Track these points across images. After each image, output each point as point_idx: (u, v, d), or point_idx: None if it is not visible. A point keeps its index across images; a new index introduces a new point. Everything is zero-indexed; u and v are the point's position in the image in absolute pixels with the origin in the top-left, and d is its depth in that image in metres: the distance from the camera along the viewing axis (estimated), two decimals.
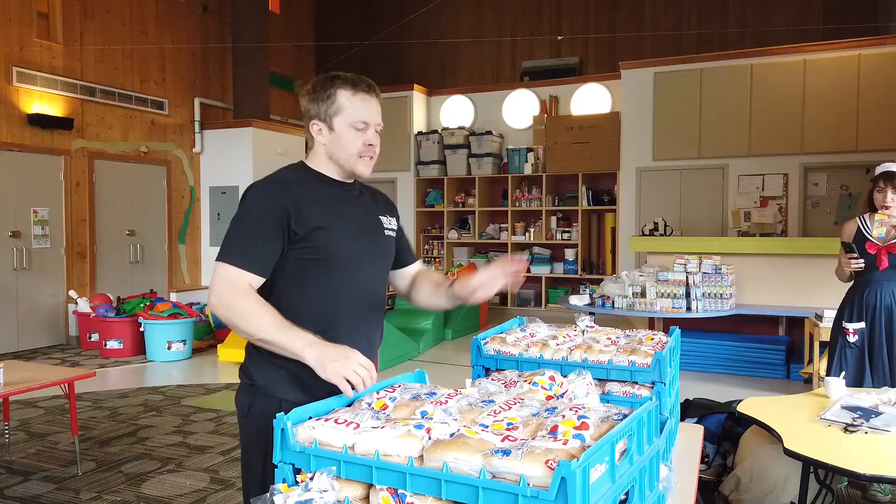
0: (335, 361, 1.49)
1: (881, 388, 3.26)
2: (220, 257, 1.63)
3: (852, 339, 3.66)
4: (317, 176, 1.75)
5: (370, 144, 1.72)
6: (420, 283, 1.97)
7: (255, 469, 1.68)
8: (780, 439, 2.55)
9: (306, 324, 1.59)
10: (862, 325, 3.64)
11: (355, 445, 1.22)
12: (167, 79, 9.36)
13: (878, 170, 3.64)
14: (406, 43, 11.59)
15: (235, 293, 1.58)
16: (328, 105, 1.69)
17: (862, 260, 3.58)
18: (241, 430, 1.75)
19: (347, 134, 1.69)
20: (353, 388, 1.48)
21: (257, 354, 1.67)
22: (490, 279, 1.74)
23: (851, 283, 3.81)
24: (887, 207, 3.54)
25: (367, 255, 1.76)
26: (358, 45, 11.34)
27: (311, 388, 1.58)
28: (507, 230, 10.37)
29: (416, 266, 2.02)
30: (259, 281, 1.63)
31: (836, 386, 2.99)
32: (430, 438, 1.20)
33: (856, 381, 3.62)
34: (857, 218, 3.74)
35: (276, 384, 1.67)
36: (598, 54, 10.69)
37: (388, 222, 1.87)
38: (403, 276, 2.00)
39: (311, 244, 1.65)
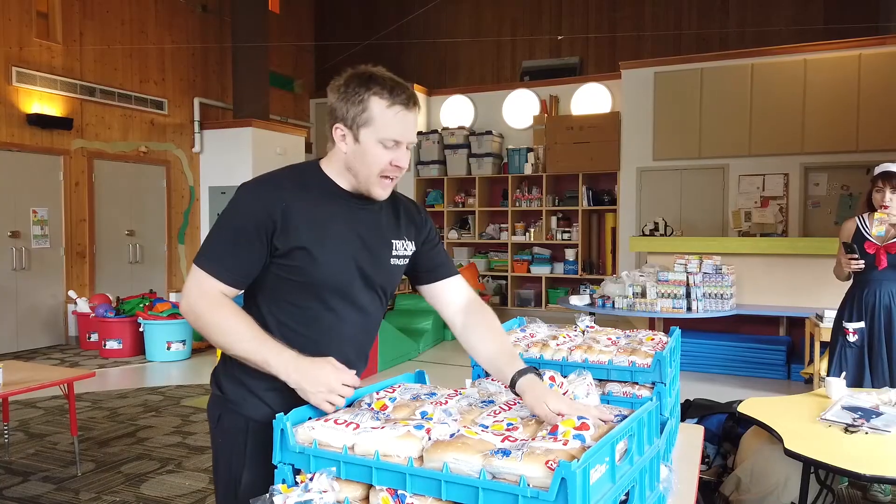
0: (318, 394, 1.37)
1: (881, 388, 3.26)
2: (197, 259, 1.48)
3: (852, 338, 3.65)
4: (325, 183, 1.55)
5: (397, 166, 1.50)
6: (482, 335, 1.63)
7: (223, 479, 1.59)
8: (780, 440, 2.55)
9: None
10: (861, 324, 3.64)
11: (355, 446, 1.21)
12: (167, 78, 9.36)
13: (877, 170, 3.64)
14: (406, 42, 11.58)
15: (208, 302, 1.45)
16: (357, 112, 1.46)
17: (862, 261, 3.58)
18: (212, 439, 1.63)
19: (374, 150, 1.47)
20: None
21: (230, 365, 1.55)
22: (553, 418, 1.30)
23: (850, 282, 3.80)
24: (886, 207, 3.54)
25: (359, 284, 1.55)
26: (358, 45, 11.33)
27: (277, 410, 1.43)
28: (507, 230, 10.36)
29: (460, 289, 1.71)
30: (233, 292, 1.48)
31: (837, 386, 2.98)
32: (429, 439, 1.20)
33: (856, 381, 3.61)
34: (856, 218, 3.73)
35: (245, 401, 1.55)
36: (599, 54, 10.69)
37: (403, 246, 1.63)
38: (443, 300, 1.71)
39: (292, 264, 1.48)
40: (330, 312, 1.53)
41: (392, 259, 1.61)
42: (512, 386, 1.45)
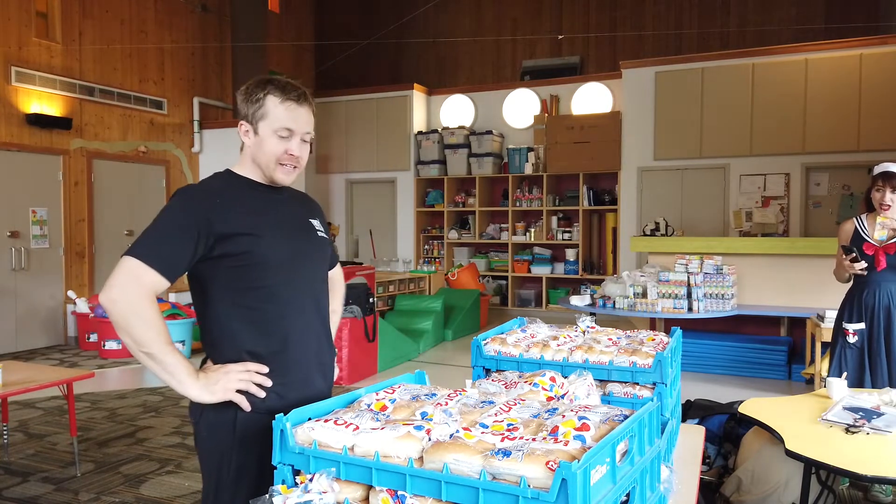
0: (217, 382, 1.55)
1: (882, 388, 3.25)
2: (130, 251, 1.55)
3: (852, 339, 3.64)
4: (243, 181, 1.72)
5: (291, 154, 1.68)
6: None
7: (211, 471, 1.68)
8: (781, 440, 2.54)
9: (252, 332, 1.63)
10: (861, 325, 3.63)
11: (355, 447, 1.21)
12: (166, 78, 9.35)
13: (877, 169, 3.62)
14: (406, 42, 11.58)
15: (139, 294, 1.52)
16: (256, 108, 1.67)
17: (865, 263, 3.56)
18: (196, 437, 1.73)
19: (270, 140, 1.67)
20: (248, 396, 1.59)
21: (209, 364, 1.67)
22: None
23: (850, 283, 3.80)
24: (885, 207, 3.52)
25: (302, 257, 1.74)
26: (357, 45, 11.33)
27: (254, 401, 1.62)
28: (507, 230, 10.36)
29: (333, 273, 1.98)
30: (163, 284, 1.55)
31: (838, 387, 2.98)
32: (429, 440, 1.19)
33: (855, 382, 3.60)
34: (854, 219, 3.72)
35: None
36: (599, 53, 10.69)
37: (318, 225, 1.86)
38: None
39: (240, 250, 1.61)
40: (284, 286, 1.68)
41: (318, 232, 1.83)
42: None
